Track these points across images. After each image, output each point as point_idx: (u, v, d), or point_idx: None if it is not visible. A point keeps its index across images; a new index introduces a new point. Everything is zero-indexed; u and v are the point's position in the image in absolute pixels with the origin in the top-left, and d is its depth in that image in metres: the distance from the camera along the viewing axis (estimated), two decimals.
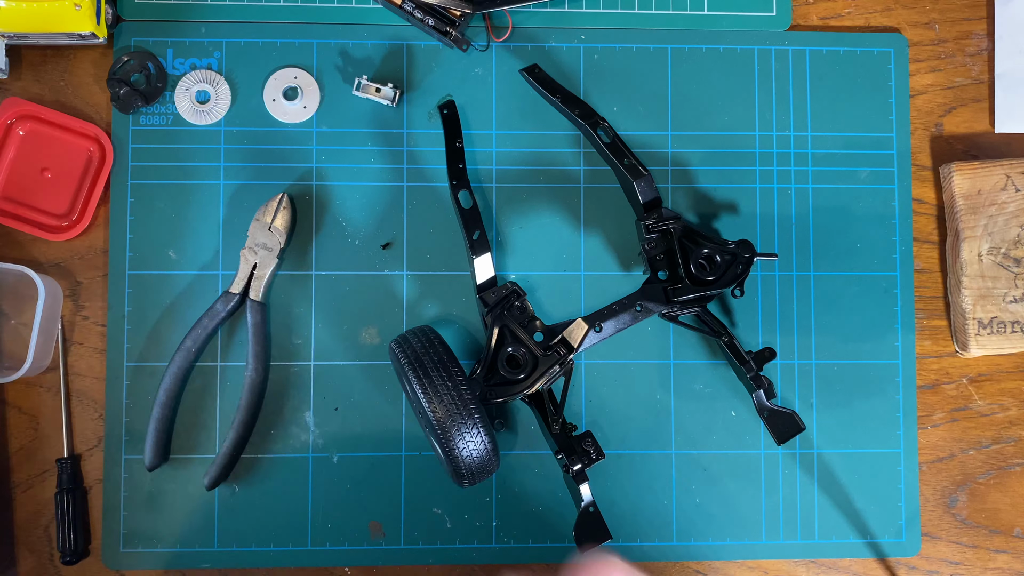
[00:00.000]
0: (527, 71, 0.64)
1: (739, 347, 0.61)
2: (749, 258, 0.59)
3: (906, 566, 0.67)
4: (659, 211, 0.62)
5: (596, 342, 0.63)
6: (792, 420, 0.61)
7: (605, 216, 0.67)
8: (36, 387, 0.64)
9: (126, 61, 0.65)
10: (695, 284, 0.60)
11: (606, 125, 0.61)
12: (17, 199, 0.64)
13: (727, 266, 0.59)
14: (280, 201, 0.64)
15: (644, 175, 0.60)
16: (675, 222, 0.60)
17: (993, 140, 0.70)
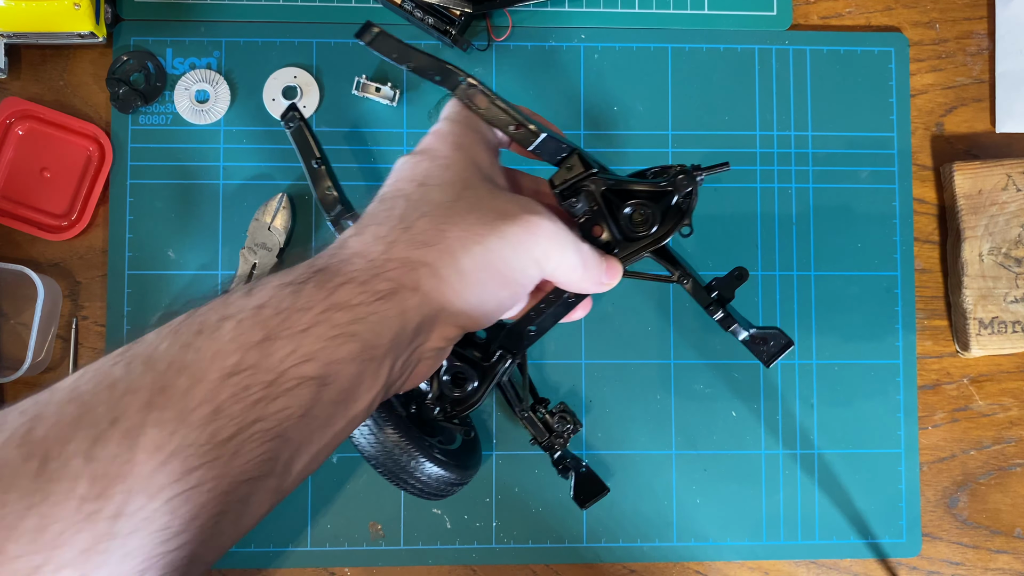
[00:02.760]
0: (362, 35, 0.45)
1: (701, 287, 0.50)
2: (690, 190, 0.46)
3: (907, 566, 0.67)
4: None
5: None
6: (779, 337, 0.51)
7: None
8: (36, 387, 0.64)
9: (125, 61, 0.65)
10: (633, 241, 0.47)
11: (474, 85, 0.43)
12: (16, 199, 0.64)
13: (665, 209, 0.46)
14: (279, 201, 0.64)
15: (537, 135, 0.43)
16: (591, 180, 0.45)
17: (994, 140, 0.70)
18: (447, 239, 0.37)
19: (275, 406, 0.31)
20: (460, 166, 0.40)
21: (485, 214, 0.38)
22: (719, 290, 0.50)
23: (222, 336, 0.32)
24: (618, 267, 0.45)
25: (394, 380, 0.37)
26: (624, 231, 0.46)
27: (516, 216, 0.39)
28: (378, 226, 0.37)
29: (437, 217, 0.37)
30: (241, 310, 0.33)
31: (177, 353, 0.32)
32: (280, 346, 0.32)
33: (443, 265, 0.37)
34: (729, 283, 0.50)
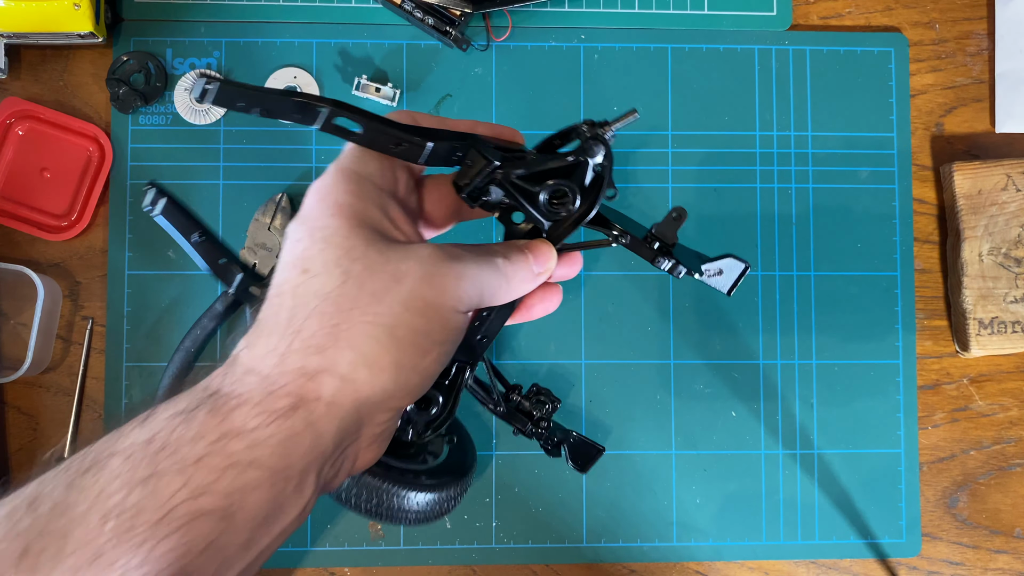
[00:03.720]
0: (202, 97, 0.34)
1: (641, 241, 0.46)
2: (603, 154, 0.42)
3: (907, 566, 0.67)
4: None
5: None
6: (733, 266, 0.47)
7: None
8: (36, 387, 0.64)
9: (125, 61, 0.65)
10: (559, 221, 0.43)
11: (338, 110, 0.37)
12: (16, 199, 0.64)
13: (582, 179, 0.42)
14: (279, 201, 0.64)
15: (423, 145, 0.38)
16: (496, 170, 0.41)
17: (994, 140, 0.70)
18: (342, 337, 0.33)
19: (165, 545, 0.29)
20: (342, 234, 0.35)
21: (380, 288, 0.34)
22: (660, 238, 0.45)
23: (108, 474, 0.30)
24: (547, 251, 0.41)
25: (329, 480, 0.35)
26: (546, 214, 0.42)
27: (415, 276, 0.34)
28: (268, 336, 0.34)
29: (327, 313, 0.33)
30: (132, 444, 0.31)
31: (61, 493, 0.30)
32: (168, 482, 0.30)
33: (345, 365, 0.33)
34: (668, 226, 0.46)
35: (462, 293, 0.36)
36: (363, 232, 0.35)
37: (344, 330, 0.33)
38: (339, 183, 0.37)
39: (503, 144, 0.42)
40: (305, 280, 0.34)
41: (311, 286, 0.34)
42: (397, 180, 0.39)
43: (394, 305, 0.34)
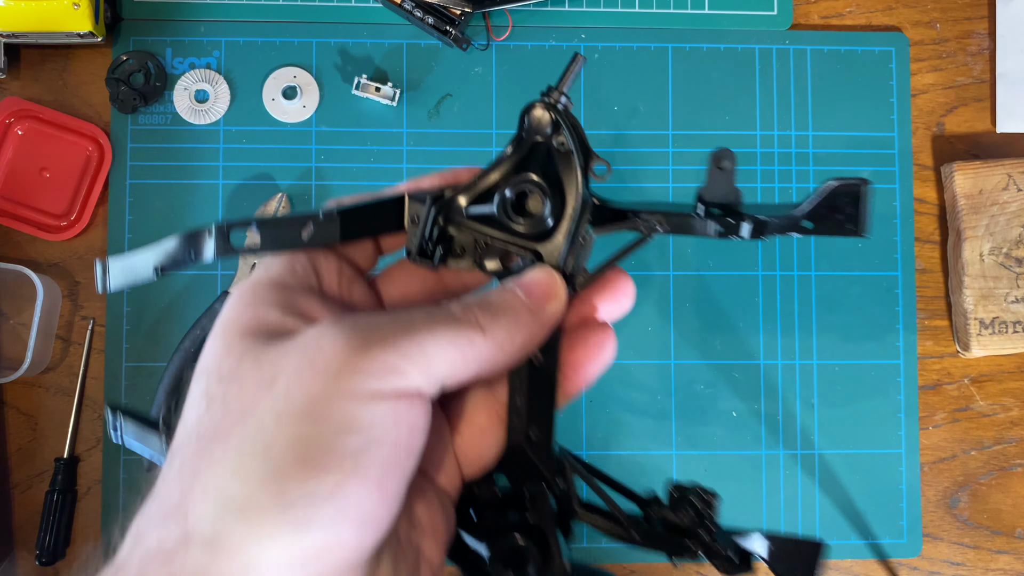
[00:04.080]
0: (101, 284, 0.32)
1: (688, 215, 0.34)
2: (555, 123, 0.34)
3: (907, 567, 0.66)
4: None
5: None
6: (852, 187, 0.32)
7: None
8: (35, 387, 0.64)
9: (125, 60, 0.65)
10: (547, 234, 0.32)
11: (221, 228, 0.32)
12: (16, 199, 0.64)
13: (549, 167, 0.33)
14: (279, 201, 0.64)
15: (333, 218, 0.31)
16: (440, 213, 0.32)
17: (995, 140, 0.69)
18: (199, 484, 0.25)
19: None
20: (217, 355, 0.28)
21: (248, 403, 0.26)
22: (714, 202, 0.34)
23: None
24: (541, 278, 0.30)
25: None
26: (523, 231, 0.31)
27: (292, 370, 0.26)
28: (152, 531, 0.26)
29: (186, 459, 0.26)
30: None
31: None
32: None
33: (206, 522, 0.24)
34: (718, 181, 0.34)
35: (378, 365, 0.25)
36: (243, 342, 0.28)
37: (202, 477, 0.25)
38: (229, 301, 0.30)
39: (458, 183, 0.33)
40: (179, 431, 0.27)
41: (179, 431, 0.27)
42: (319, 272, 0.31)
43: (264, 418, 0.25)
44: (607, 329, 0.32)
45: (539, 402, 0.31)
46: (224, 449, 0.25)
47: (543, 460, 0.32)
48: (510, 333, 0.28)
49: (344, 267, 0.32)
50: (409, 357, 0.26)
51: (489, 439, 0.32)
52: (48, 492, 0.62)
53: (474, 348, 0.27)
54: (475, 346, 0.27)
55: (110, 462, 0.63)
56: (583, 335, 0.32)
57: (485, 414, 0.32)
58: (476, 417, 0.32)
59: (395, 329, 0.26)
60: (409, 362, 0.26)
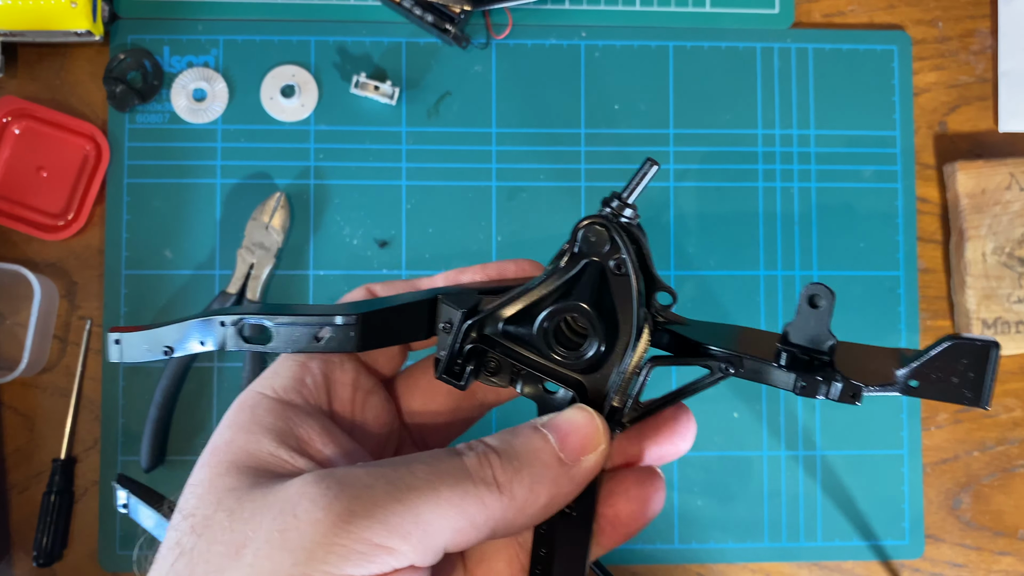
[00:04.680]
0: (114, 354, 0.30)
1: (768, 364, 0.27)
2: (612, 240, 0.29)
3: (910, 568, 0.66)
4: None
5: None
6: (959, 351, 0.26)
7: None
8: (32, 388, 0.64)
9: (122, 59, 0.65)
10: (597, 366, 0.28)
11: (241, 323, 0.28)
12: (13, 198, 0.64)
13: (600, 291, 0.28)
14: (277, 200, 0.64)
15: (341, 324, 0.28)
16: (466, 322, 0.29)
17: (997, 139, 0.69)
18: None
19: None
20: (198, 494, 0.25)
21: (211, 571, 0.23)
22: (801, 347, 0.27)
23: None
24: (580, 422, 0.26)
25: None
26: (565, 361, 0.28)
27: (261, 539, 0.22)
28: None
29: None
30: None
31: None
32: None
33: None
34: (809, 321, 0.27)
35: (360, 544, 0.22)
36: (228, 480, 0.24)
37: None
38: (227, 416, 0.27)
39: (497, 284, 0.29)
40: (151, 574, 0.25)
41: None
42: (332, 385, 0.28)
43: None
44: (656, 477, 0.28)
45: (569, 556, 0.27)
46: None
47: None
48: (534, 492, 0.24)
49: (362, 376, 0.29)
50: (400, 531, 0.22)
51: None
52: (45, 493, 0.62)
53: (487, 512, 0.23)
54: (488, 509, 0.23)
55: (107, 463, 0.63)
56: (626, 483, 0.27)
57: (506, 562, 0.28)
58: (495, 564, 0.28)
59: (388, 493, 0.22)
60: (400, 537, 0.22)
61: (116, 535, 0.63)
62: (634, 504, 0.27)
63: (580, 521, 0.27)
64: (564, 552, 0.27)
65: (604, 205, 0.29)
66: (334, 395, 0.28)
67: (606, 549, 0.28)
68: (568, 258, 0.28)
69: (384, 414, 0.29)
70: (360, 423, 0.28)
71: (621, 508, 0.27)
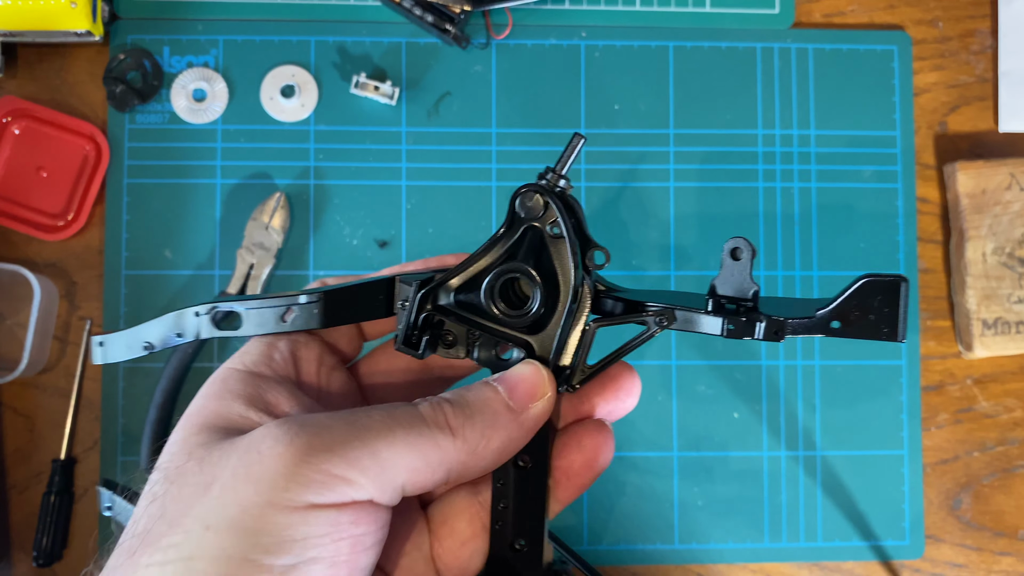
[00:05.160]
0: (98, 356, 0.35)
1: (698, 311, 0.31)
2: (545, 204, 0.30)
3: (910, 569, 0.66)
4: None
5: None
6: (873, 289, 0.28)
7: (606, 214, 0.66)
8: (32, 388, 0.64)
9: (122, 59, 0.65)
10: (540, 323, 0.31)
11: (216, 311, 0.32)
12: (12, 198, 0.64)
13: (540, 253, 0.30)
14: (277, 200, 0.64)
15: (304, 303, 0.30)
16: (427, 300, 0.31)
17: (997, 139, 0.69)
18: None
19: None
20: (170, 453, 0.27)
21: (181, 509, 0.24)
22: (727, 296, 0.30)
23: None
24: (527, 375, 0.28)
25: None
26: (512, 322, 0.30)
27: (227, 475, 0.24)
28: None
29: (117, 568, 0.25)
30: None
31: None
32: None
33: None
34: (733, 273, 0.30)
35: (319, 474, 0.23)
36: (199, 437, 0.26)
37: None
38: (201, 389, 0.29)
39: (446, 267, 0.31)
40: (127, 527, 0.27)
41: (125, 533, 0.26)
42: (298, 361, 0.30)
43: (193, 526, 0.24)
44: (605, 429, 0.30)
45: (527, 509, 0.29)
46: (150, 558, 0.24)
47: (531, 574, 0.29)
48: (485, 436, 0.26)
49: (326, 355, 0.31)
50: (358, 464, 0.24)
51: (471, 547, 0.30)
52: (45, 493, 0.62)
53: (440, 452, 0.25)
54: (442, 450, 0.25)
55: (107, 464, 0.63)
56: (578, 435, 0.30)
57: (467, 520, 0.30)
58: (457, 523, 0.30)
59: (347, 433, 0.24)
60: (358, 470, 0.24)
61: (116, 535, 0.63)
62: (587, 453, 0.29)
63: (536, 473, 0.29)
64: (522, 505, 0.29)
65: (539, 178, 0.31)
66: (300, 369, 0.30)
67: (563, 503, 0.30)
68: (509, 224, 0.30)
69: (347, 389, 0.31)
70: (326, 395, 0.30)
71: (575, 459, 0.29)
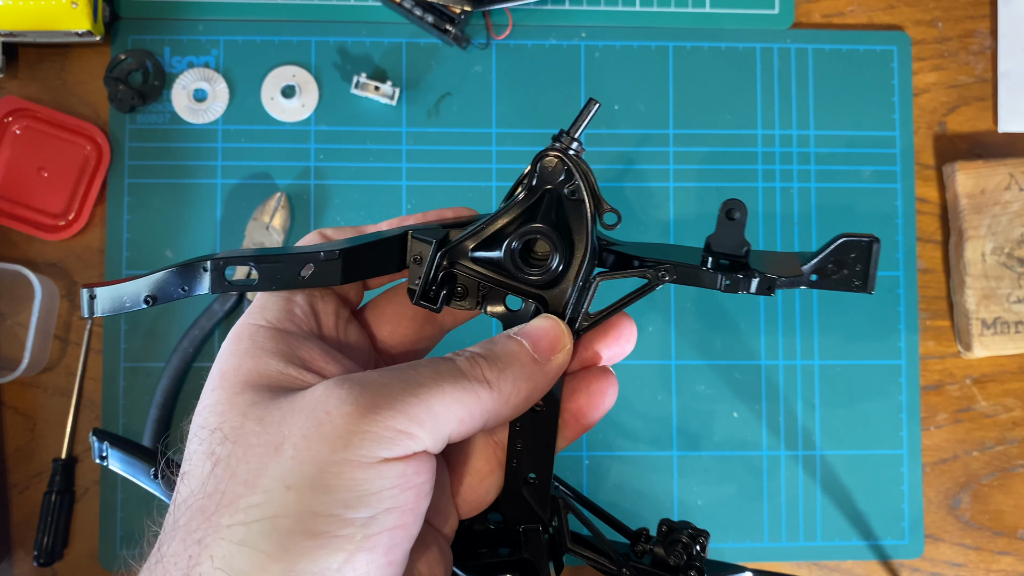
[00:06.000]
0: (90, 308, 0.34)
1: (694, 267, 0.32)
2: (567, 169, 0.32)
3: (909, 568, 0.66)
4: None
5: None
6: (848, 247, 0.31)
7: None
8: (33, 388, 0.64)
9: (123, 59, 0.65)
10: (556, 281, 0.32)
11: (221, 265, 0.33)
12: (14, 198, 0.64)
13: (558, 215, 0.32)
14: (278, 200, 0.64)
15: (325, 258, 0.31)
16: (449, 253, 0.32)
17: (997, 139, 0.69)
18: (205, 557, 0.25)
19: None
20: (219, 411, 0.27)
21: (254, 469, 0.25)
22: (723, 253, 0.32)
23: None
24: (548, 328, 0.30)
25: None
26: (531, 279, 0.31)
27: (298, 434, 0.25)
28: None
29: (191, 528, 0.25)
30: None
31: None
32: None
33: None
34: (728, 232, 0.32)
35: (387, 431, 0.25)
36: (247, 396, 0.27)
37: (209, 546, 0.24)
38: (227, 346, 0.29)
39: (450, 221, 0.33)
40: (181, 486, 0.27)
41: (182, 492, 0.27)
42: (318, 315, 0.31)
43: (272, 487, 0.25)
44: (609, 375, 0.33)
45: (539, 447, 0.32)
46: (231, 518, 0.25)
47: (540, 503, 0.33)
48: (516, 386, 0.29)
49: (340, 308, 0.32)
50: (417, 419, 0.26)
51: (488, 482, 0.32)
52: (46, 493, 0.62)
53: (480, 403, 0.28)
54: (482, 401, 0.28)
55: None
56: (585, 380, 0.32)
57: (485, 459, 0.32)
58: (476, 462, 0.32)
59: (403, 390, 0.26)
60: (417, 424, 0.26)
61: (117, 535, 0.63)
62: (594, 397, 0.33)
63: (548, 416, 0.32)
64: (535, 444, 0.32)
65: (555, 140, 0.32)
66: (321, 323, 0.31)
67: (568, 441, 0.33)
68: (528, 189, 0.32)
69: (362, 340, 0.32)
70: (346, 347, 0.31)
71: (583, 402, 0.32)
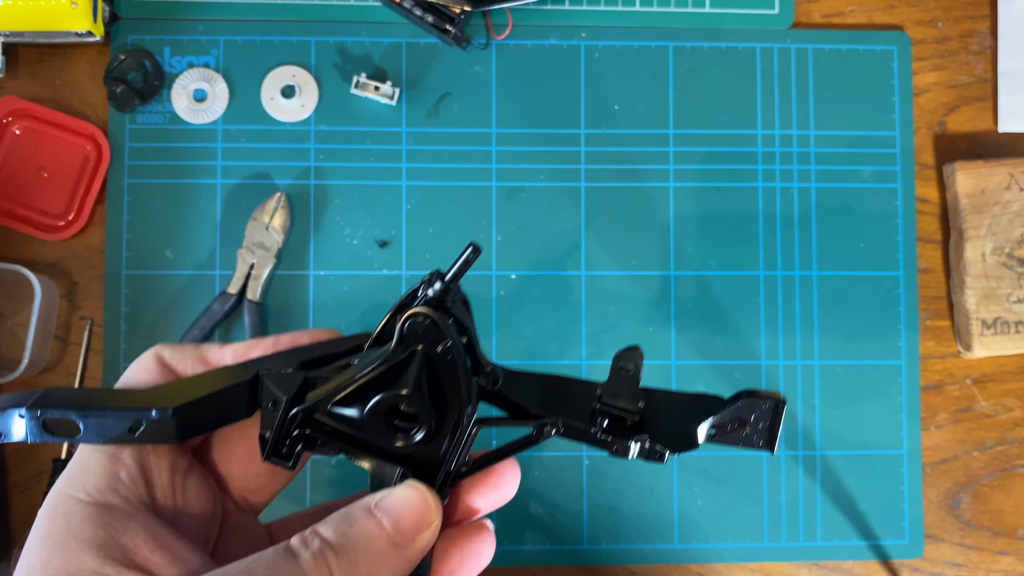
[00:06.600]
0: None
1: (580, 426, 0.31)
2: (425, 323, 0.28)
3: (909, 568, 0.66)
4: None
5: None
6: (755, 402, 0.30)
7: (606, 215, 0.66)
8: (33, 388, 0.64)
9: (123, 59, 0.65)
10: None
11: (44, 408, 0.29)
12: (13, 198, 0.64)
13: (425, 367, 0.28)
14: (278, 200, 0.64)
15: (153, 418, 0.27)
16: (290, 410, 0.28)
17: (997, 139, 0.69)
18: None
19: None
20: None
21: None
22: (614, 408, 0.29)
23: None
24: (412, 501, 0.26)
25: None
26: (395, 444, 0.27)
27: None
28: None
29: None
30: None
31: None
32: None
33: None
34: (620, 384, 0.29)
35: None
36: None
37: None
38: (39, 527, 0.25)
39: (309, 357, 0.29)
40: None
41: None
42: (148, 474, 0.27)
43: None
44: (485, 532, 0.29)
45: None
46: None
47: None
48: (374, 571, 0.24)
49: (177, 457, 0.27)
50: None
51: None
52: (46, 493, 0.62)
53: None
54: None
55: None
56: (459, 541, 0.28)
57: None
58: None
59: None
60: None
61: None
62: (467, 560, 0.28)
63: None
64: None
65: (427, 285, 0.29)
66: (153, 484, 0.27)
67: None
68: (394, 346, 0.28)
69: (205, 491, 0.28)
70: (183, 508, 0.27)
71: (455, 566, 0.28)
